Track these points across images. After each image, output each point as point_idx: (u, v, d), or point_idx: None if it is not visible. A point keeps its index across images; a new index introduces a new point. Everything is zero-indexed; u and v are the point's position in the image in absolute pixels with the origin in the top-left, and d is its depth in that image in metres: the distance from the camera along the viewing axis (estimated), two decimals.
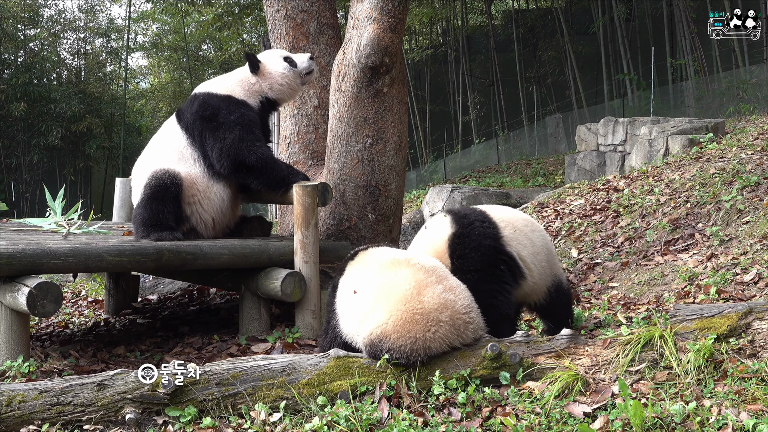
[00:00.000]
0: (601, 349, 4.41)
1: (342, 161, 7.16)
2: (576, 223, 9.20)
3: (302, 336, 6.23)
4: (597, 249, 8.27)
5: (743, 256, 6.74)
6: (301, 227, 6.31)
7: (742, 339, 4.15)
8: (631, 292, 6.77)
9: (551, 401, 4.01)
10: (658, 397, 3.94)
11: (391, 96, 7.08)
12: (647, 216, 8.61)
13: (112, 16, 38.70)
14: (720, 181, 8.60)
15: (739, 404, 3.75)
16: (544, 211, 10.43)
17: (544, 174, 20.36)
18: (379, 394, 4.18)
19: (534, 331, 5.82)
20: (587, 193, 10.53)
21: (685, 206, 8.37)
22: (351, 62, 7.00)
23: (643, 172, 10.73)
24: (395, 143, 7.16)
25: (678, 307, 4.59)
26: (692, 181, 9.05)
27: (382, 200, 7.18)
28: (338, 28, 8.18)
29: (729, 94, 21.79)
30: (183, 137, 6.56)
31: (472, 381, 4.22)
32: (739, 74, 22.60)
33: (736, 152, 9.98)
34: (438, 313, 4.29)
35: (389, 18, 6.79)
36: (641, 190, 9.55)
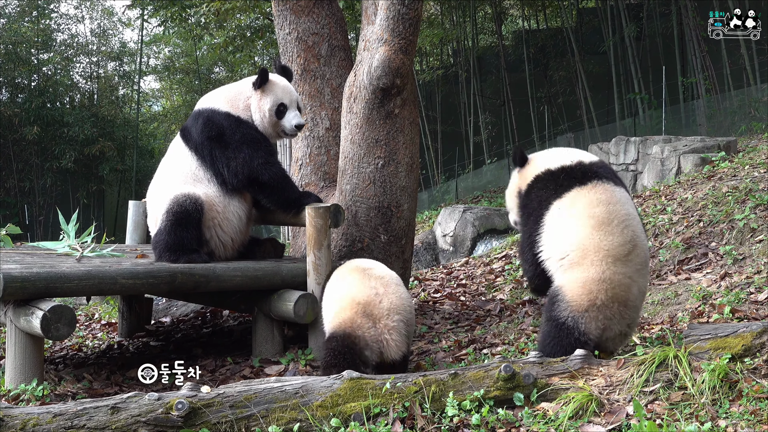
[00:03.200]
0: (615, 370, 4.40)
1: (354, 182, 7.17)
2: None
3: (315, 358, 6.22)
4: None
5: (757, 275, 6.72)
6: (313, 249, 6.32)
7: (757, 359, 4.13)
8: (644, 312, 6.75)
9: (566, 422, 4.00)
10: (673, 417, 3.92)
11: (402, 117, 7.09)
12: (660, 235, 8.59)
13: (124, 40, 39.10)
14: (733, 199, 8.58)
15: (754, 424, 3.72)
16: None
17: None
18: (393, 416, 4.17)
19: None
20: None
21: (698, 225, 8.35)
22: (362, 84, 7.02)
23: (656, 191, 10.72)
24: (407, 164, 7.17)
25: (692, 326, 4.57)
26: (705, 200, 9.03)
27: (394, 221, 7.18)
28: (349, 50, 8.21)
29: (741, 113, 21.75)
30: (193, 158, 6.56)
31: (486, 402, 4.21)
32: (750, 92, 22.55)
33: (748, 171, 9.97)
34: None
35: (400, 39, 6.82)
36: (654, 209, 9.54)
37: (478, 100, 30.38)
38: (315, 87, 7.95)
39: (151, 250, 6.70)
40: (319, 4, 7.96)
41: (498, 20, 31.73)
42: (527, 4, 31.96)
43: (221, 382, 5.72)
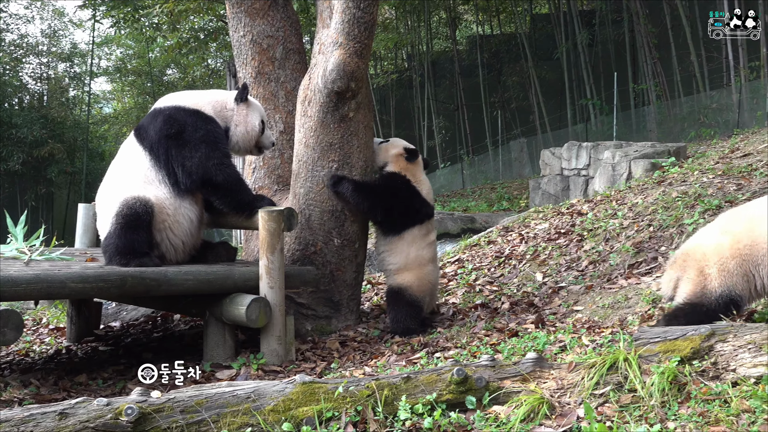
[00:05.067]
0: (566, 373, 4.43)
1: (308, 186, 7.16)
2: (540, 247, 9.24)
3: (267, 362, 6.20)
4: (561, 272, 8.31)
5: None
6: (266, 252, 6.30)
7: (705, 361, 4.18)
8: (595, 316, 6.80)
9: (517, 425, 4.02)
10: (623, 419, 3.95)
11: (357, 121, 7.09)
12: (611, 239, 8.67)
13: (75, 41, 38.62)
14: (682, 204, 8.69)
15: (702, 426, 3.77)
16: (509, 235, 10.47)
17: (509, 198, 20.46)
18: (345, 420, 4.15)
19: (500, 354, 5.83)
20: (551, 217, 10.60)
21: (648, 230, 8.44)
22: (317, 87, 7.01)
23: (607, 196, 10.82)
24: (361, 168, 7.17)
25: (642, 330, 4.62)
26: (655, 204, 9.13)
27: (347, 225, 7.18)
28: (304, 54, 8.20)
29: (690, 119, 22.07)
30: (146, 158, 6.49)
31: (438, 406, 4.21)
32: (700, 99, 22.89)
33: (697, 176, 10.10)
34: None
35: (355, 43, 6.82)
36: (605, 214, 9.62)
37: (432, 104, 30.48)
38: (269, 90, 7.92)
39: (101, 254, 6.63)
40: (274, 7, 7.94)
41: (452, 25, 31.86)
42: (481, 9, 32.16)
43: (172, 387, 5.66)
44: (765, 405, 3.80)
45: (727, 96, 21.90)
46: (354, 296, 7.38)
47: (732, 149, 11.99)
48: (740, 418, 3.77)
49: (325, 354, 6.64)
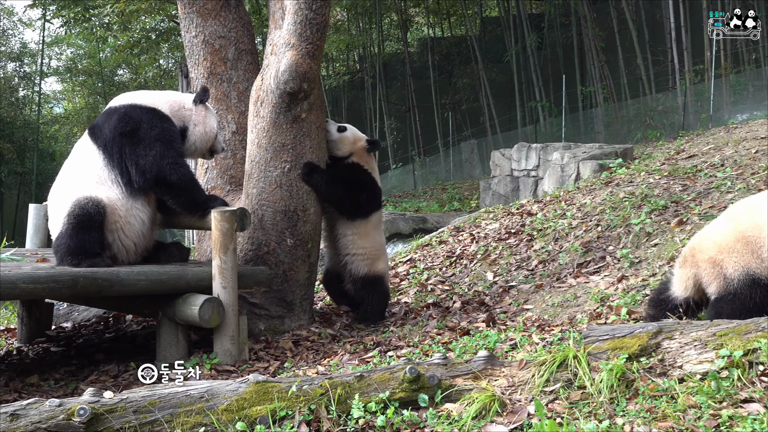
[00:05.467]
0: (517, 370, 4.45)
1: (260, 186, 7.13)
2: (491, 247, 9.29)
3: (221, 362, 6.16)
4: (512, 272, 8.37)
5: (652, 278, 6.88)
6: (219, 253, 6.26)
7: (652, 358, 4.23)
8: (545, 314, 6.85)
9: (469, 422, 4.03)
10: (573, 416, 3.98)
11: (309, 121, 7.08)
12: (560, 239, 8.74)
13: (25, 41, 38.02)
14: (629, 204, 8.78)
15: (650, 422, 3.81)
16: (460, 235, 10.52)
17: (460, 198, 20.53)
18: (299, 419, 4.14)
19: (452, 353, 5.85)
20: (502, 218, 10.66)
21: (597, 229, 8.52)
22: (269, 88, 6.99)
23: (556, 196, 10.91)
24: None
25: (591, 328, 4.66)
26: (603, 205, 9.22)
27: (300, 225, 7.17)
28: (256, 54, 8.16)
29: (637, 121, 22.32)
30: (100, 157, 6.40)
31: (391, 404, 4.21)
32: (646, 101, 23.17)
33: (644, 177, 10.21)
34: None
35: (307, 44, 6.81)
36: (554, 214, 9.70)
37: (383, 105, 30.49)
38: (221, 91, 7.87)
39: (52, 255, 6.54)
40: (226, 8, 7.89)
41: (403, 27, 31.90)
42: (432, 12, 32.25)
43: (124, 388, 5.61)
44: (711, 401, 3.85)
45: (673, 99, 22.19)
46: (307, 296, 7.36)
47: (677, 151, 12.15)
48: (687, 413, 3.81)
49: (278, 353, 6.61)
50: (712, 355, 4.11)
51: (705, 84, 21.12)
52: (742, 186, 8.59)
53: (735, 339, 4.13)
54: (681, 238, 7.46)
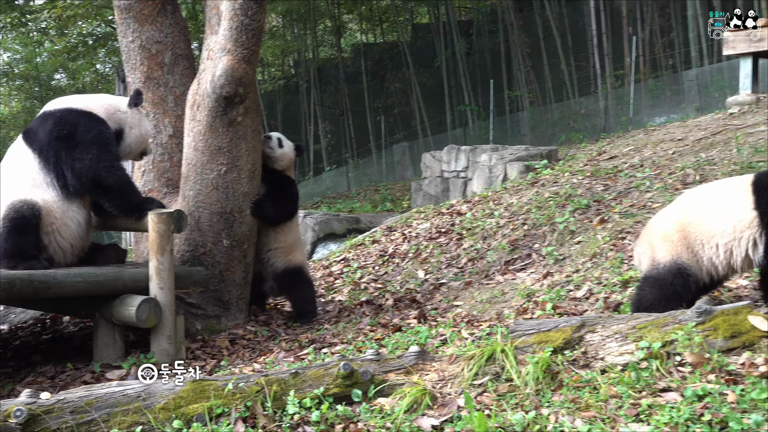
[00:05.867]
0: (447, 365, 4.47)
1: (197, 189, 7.07)
2: (422, 246, 9.32)
3: (158, 361, 6.07)
4: (442, 270, 8.41)
5: (576, 274, 6.97)
6: (156, 254, 6.18)
7: (576, 351, 4.28)
8: (474, 310, 6.89)
9: (401, 416, 4.04)
10: (501, 408, 4.01)
11: (245, 125, 7.04)
12: (488, 238, 8.80)
13: None
14: (554, 204, 8.88)
15: (574, 412, 3.86)
16: (392, 234, 10.53)
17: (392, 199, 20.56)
18: (235, 416, 4.11)
19: (384, 349, 5.86)
20: (432, 217, 10.70)
21: (523, 228, 8.60)
22: (206, 92, 6.93)
23: (484, 196, 10.98)
24: (249, 171, 7.12)
25: (517, 322, 4.69)
26: (529, 204, 9.31)
27: (236, 226, 7.12)
28: (193, 59, 8.08)
29: (561, 124, 22.58)
30: (35, 161, 6.26)
31: (326, 399, 4.20)
32: (569, 105, 23.45)
33: (568, 177, 10.34)
34: None
35: (243, 50, 6.77)
36: (482, 214, 9.77)
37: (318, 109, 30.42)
38: (158, 95, 7.78)
39: None
40: (163, 14, 7.79)
41: (337, 33, 31.85)
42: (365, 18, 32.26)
43: (61, 388, 5.50)
44: (631, 390, 3.91)
45: (595, 102, 22.49)
46: (243, 295, 7.32)
47: (599, 152, 12.32)
48: (608, 403, 3.87)
49: (215, 352, 6.55)
50: (632, 347, 4.18)
51: (625, 88, 21.46)
52: (660, 186, 8.74)
53: (653, 331, 4.20)
54: (603, 235, 7.57)
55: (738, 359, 3.98)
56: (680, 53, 22.34)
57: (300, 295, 7.49)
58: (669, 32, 23.21)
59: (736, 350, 4.04)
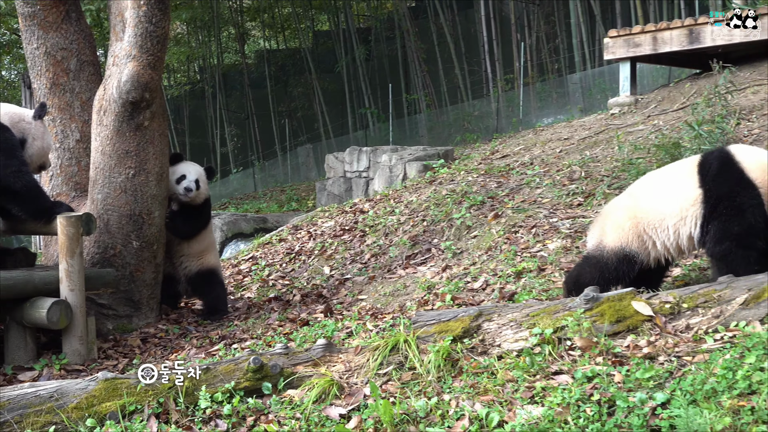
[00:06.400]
0: (353, 356, 4.47)
1: (105, 192, 6.93)
2: (327, 243, 9.31)
3: (70, 362, 5.93)
4: (347, 265, 8.41)
5: (473, 266, 7.06)
6: (66, 257, 6.02)
7: (474, 339, 4.33)
8: (378, 303, 6.92)
9: (310, 406, 4.03)
10: (405, 395, 4.04)
11: (152, 129, 6.93)
12: (390, 234, 8.84)
13: None
14: (451, 201, 8.96)
15: (473, 396, 3.90)
16: (298, 233, 10.48)
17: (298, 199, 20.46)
18: (148, 413, 4.04)
19: (293, 343, 5.83)
20: (336, 216, 10.69)
21: (423, 224, 8.66)
22: (112, 97, 6.80)
23: (385, 195, 11.02)
24: (157, 174, 7.01)
25: (419, 313, 4.73)
26: (427, 201, 9.38)
27: (145, 228, 7.00)
28: (98, 65, 7.91)
29: (456, 125, 22.81)
30: None
31: (237, 393, 4.16)
32: (464, 107, 23.73)
33: (464, 176, 10.45)
34: None
35: (148, 56, 6.66)
36: (384, 211, 9.80)
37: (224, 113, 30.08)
38: (65, 100, 7.59)
39: None
40: (67, 20, 7.60)
41: (241, 40, 31.55)
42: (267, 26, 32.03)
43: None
44: (526, 374, 3.98)
45: (487, 105, 22.81)
46: (154, 295, 7.20)
47: (492, 151, 12.49)
48: (505, 387, 3.93)
49: (127, 351, 6.42)
50: (526, 333, 4.25)
51: (515, 91, 21.84)
52: (549, 182, 8.92)
53: (545, 318, 4.28)
54: (497, 229, 7.68)
55: (623, 342, 4.09)
56: (565, 58, 22.86)
57: (212, 295, 7.42)
58: (554, 38, 23.71)
59: (622, 334, 4.15)
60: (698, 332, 4.05)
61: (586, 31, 21.63)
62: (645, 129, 10.07)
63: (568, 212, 7.87)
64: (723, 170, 4.82)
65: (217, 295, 7.45)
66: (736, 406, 3.32)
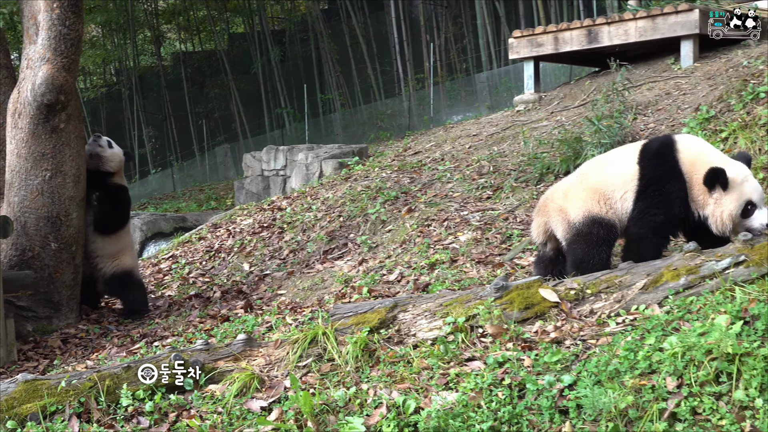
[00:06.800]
0: (273, 350, 4.45)
1: (22, 194, 6.74)
2: (246, 240, 9.23)
3: None
4: (266, 262, 8.35)
5: (388, 259, 7.09)
6: None
7: (390, 329, 4.35)
8: (297, 297, 6.89)
9: (231, 400, 3.99)
10: (324, 386, 4.03)
11: (68, 132, 6.77)
12: (307, 230, 8.81)
13: None
14: (366, 197, 8.98)
15: (390, 385, 3.92)
16: (217, 231, 10.37)
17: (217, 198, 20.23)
18: (69, 412, 3.94)
19: (214, 339, 5.76)
20: (255, 213, 10.60)
21: (339, 220, 8.66)
22: (27, 100, 6.62)
23: (302, 192, 10.98)
24: (74, 176, 6.84)
25: (337, 306, 4.73)
26: (343, 198, 9.38)
27: (63, 230, 6.83)
28: (12, 69, 7.67)
29: (369, 124, 22.85)
30: None
31: (158, 390, 4.10)
32: (377, 106, 23.78)
33: (378, 172, 10.48)
34: None
35: (63, 58, 6.51)
36: (301, 208, 9.76)
37: (141, 115, 29.52)
38: None
39: None
40: None
41: (157, 43, 30.98)
42: (183, 28, 31.55)
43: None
44: (440, 362, 4.01)
45: (399, 103, 22.90)
46: (73, 296, 7.03)
47: (405, 148, 12.55)
48: (421, 374, 3.95)
49: (47, 352, 6.26)
50: (440, 322, 4.28)
51: (425, 90, 21.98)
52: (460, 176, 9.00)
53: (458, 307, 4.33)
54: (411, 223, 7.73)
55: (532, 328, 4.16)
56: (472, 58, 23.10)
57: (130, 296, 7.29)
58: (462, 39, 23.93)
59: (530, 320, 4.22)
60: (601, 316, 4.15)
61: (492, 31, 21.90)
62: (548, 125, 10.24)
63: (477, 205, 7.96)
64: (660, 154, 4.89)
65: (136, 296, 7.31)
66: (638, 385, 3.41)
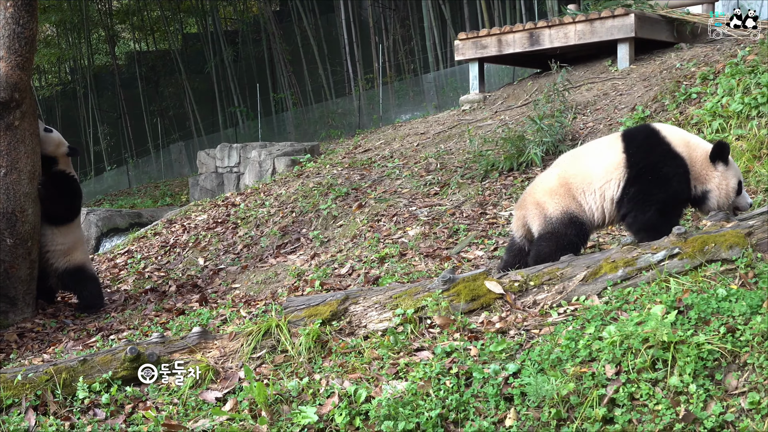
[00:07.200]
0: (228, 342, 4.42)
1: None
2: (201, 236, 9.15)
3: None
4: (220, 256, 8.29)
5: (339, 254, 7.09)
6: None
7: (341, 321, 4.35)
8: (251, 291, 6.86)
9: (187, 392, 3.96)
10: (278, 376, 4.02)
11: (23, 129, 6.64)
12: (261, 225, 8.77)
13: None
14: (318, 193, 8.97)
15: (342, 375, 3.92)
16: (172, 226, 10.26)
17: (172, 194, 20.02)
18: (26, 405, 3.87)
19: (169, 332, 5.71)
20: (209, 209, 10.51)
21: (292, 215, 8.63)
22: None
23: (256, 189, 10.92)
24: (29, 172, 6.71)
25: (290, 299, 4.72)
26: (296, 194, 9.35)
27: (19, 225, 6.69)
28: None
29: (321, 122, 22.81)
30: None
31: (115, 382, 4.05)
32: (328, 105, 23.74)
33: (329, 169, 10.47)
34: None
35: (17, 57, 6.40)
36: (255, 204, 9.71)
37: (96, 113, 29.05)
38: None
39: None
40: None
41: (111, 42, 30.52)
42: (137, 28, 31.14)
43: None
44: (390, 352, 4.02)
45: (349, 102, 22.90)
46: (30, 291, 6.89)
47: (355, 146, 12.55)
48: (372, 364, 3.96)
49: (3, 346, 6.14)
50: (390, 314, 4.29)
51: (375, 90, 22.00)
52: (408, 173, 9.03)
53: (407, 299, 4.34)
54: (361, 219, 7.74)
55: (478, 319, 4.19)
56: (420, 59, 23.17)
57: (85, 291, 7.15)
58: (410, 41, 23.98)
59: (476, 311, 4.25)
60: (544, 307, 4.20)
61: (438, 34, 21.98)
62: (493, 123, 10.32)
63: (425, 201, 7.99)
64: (650, 141, 4.86)
65: (90, 291, 7.18)
66: (579, 373, 3.46)
